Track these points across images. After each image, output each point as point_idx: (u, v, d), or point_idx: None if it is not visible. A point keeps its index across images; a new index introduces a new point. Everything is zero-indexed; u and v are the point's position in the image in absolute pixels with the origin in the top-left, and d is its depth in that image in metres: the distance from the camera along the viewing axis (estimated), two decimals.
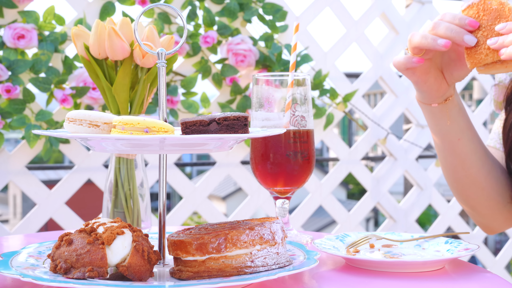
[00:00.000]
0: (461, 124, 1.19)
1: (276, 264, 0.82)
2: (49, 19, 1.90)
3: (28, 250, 0.90)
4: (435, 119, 1.18)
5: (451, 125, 1.18)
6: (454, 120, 1.18)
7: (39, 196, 2.01)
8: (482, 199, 1.26)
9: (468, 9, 1.04)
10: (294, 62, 1.14)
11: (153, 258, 0.80)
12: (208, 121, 0.84)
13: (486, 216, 1.30)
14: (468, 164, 1.22)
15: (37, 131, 0.82)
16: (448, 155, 1.23)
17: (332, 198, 2.44)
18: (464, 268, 0.92)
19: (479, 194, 1.25)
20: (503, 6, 1.01)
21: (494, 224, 1.32)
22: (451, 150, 1.21)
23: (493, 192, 1.25)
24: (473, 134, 1.21)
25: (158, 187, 0.89)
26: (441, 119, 1.18)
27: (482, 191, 1.25)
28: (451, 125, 1.18)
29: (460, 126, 1.19)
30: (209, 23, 2.09)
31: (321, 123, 2.35)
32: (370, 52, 2.46)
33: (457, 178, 1.25)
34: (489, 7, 1.01)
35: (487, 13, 1.02)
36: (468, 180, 1.24)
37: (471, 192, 1.26)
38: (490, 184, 1.24)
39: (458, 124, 1.18)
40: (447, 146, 1.21)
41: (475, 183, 1.24)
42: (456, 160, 1.22)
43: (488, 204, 1.27)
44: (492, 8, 1.01)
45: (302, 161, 1.14)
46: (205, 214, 2.25)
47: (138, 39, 0.89)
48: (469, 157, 1.21)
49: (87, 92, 1.92)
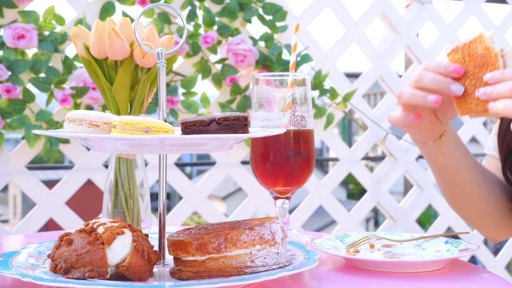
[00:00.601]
0: (458, 156, 1.19)
1: (276, 264, 0.82)
2: (49, 19, 1.90)
3: (28, 250, 0.90)
4: (432, 155, 1.18)
5: (448, 159, 1.18)
6: (450, 153, 1.17)
7: (39, 196, 2.01)
8: (484, 219, 1.28)
9: (453, 53, 1.01)
10: (294, 62, 1.14)
11: (153, 258, 0.80)
12: (208, 121, 0.84)
13: (490, 231, 1.32)
14: (468, 192, 1.23)
15: (37, 131, 0.82)
16: (447, 186, 1.24)
17: (332, 198, 2.44)
18: (464, 268, 0.92)
19: (481, 215, 1.27)
20: (488, 52, 0.97)
21: (498, 236, 1.34)
22: (451, 181, 1.22)
23: (494, 212, 1.27)
24: (470, 163, 1.21)
25: (158, 187, 0.89)
26: (437, 154, 1.17)
27: (484, 212, 1.27)
28: (448, 159, 1.18)
29: (457, 157, 1.19)
30: (209, 23, 2.09)
31: (321, 123, 2.35)
32: (370, 52, 2.46)
33: (459, 204, 1.27)
34: (475, 53, 0.98)
35: (473, 58, 0.98)
36: (470, 205, 1.26)
37: (473, 214, 1.28)
38: (491, 205, 1.26)
39: (454, 156, 1.18)
40: (446, 178, 1.22)
41: (477, 207, 1.26)
42: (457, 190, 1.24)
43: (491, 222, 1.29)
44: (477, 53, 0.98)
45: (302, 161, 1.14)
46: (205, 214, 2.25)
47: (138, 39, 0.89)
48: (468, 185, 1.22)
49: (87, 92, 1.92)
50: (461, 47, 1.00)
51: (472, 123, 2.67)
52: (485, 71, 0.98)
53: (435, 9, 2.57)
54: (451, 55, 1.01)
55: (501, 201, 1.28)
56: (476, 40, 0.98)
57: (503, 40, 2.71)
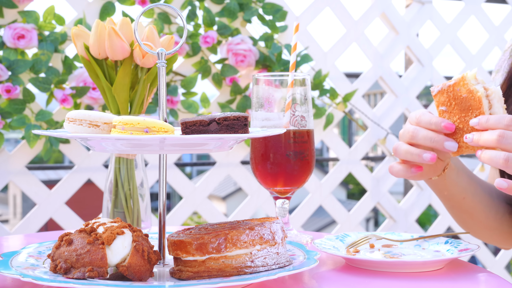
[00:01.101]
0: (463, 184, 1.19)
1: (276, 264, 0.82)
2: (49, 19, 1.90)
3: (28, 250, 0.90)
4: (437, 188, 1.20)
5: (453, 188, 1.19)
6: (455, 183, 1.18)
7: (39, 196, 2.01)
8: (495, 236, 1.30)
9: (439, 95, 1.01)
10: (294, 62, 1.14)
11: (153, 258, 0.80)
12: (208, 121, 0.84)
13: (501, 244, 1.34)
14: (477, 215, 1.24)
15: (37, 131, 0.82)
16: (456, 211, 1.26)
17: (332, 198, 2.44)
18: (464, 268, 0.92)
19: (491, 233, 1.29)
20: (472, 95, 0.97)
21: (509, 246, 1.36)
22: (458, 208, 1.24)
23: (504, 227, 1.28)
24: (476, 187, 1.22)
25: (158, 187, 0.89)
26: (443, 187, 1.19)
27: (494, 230, 1.28)
28: (453, 188, 1.19)
29: (462, 185, 1.19)
30: (209, 23, 2.09)
31: (321, 123, 2.35)
32: (370, 52, 2.46)
33: (469, 226, 1.29)
34: (459, 95, 0.98)
35: (458, 102, 0.98)
36: (480, 226, 1.27)
37: (484, 233, 1.30)
38: (500, 223, 1.28)
39: (460, 185, 1.19)
40: (454, 205, 1.24)
41: (486, 227, 1.27)
42: (465, 215, 1.25)
43: (501, 237, 1.31)
44: (462, 96, 0.98)
45: (302, 161, 1.14)
46: (205, 214, 2.25)
47: (138, 39, 0.89)
48: (476, 209, 1.24)
49: (87, 92, 1.92)
50: (445, 89, 1.00)
51: None
52: (470, 115, 0.98)
53: (435, 9, 2.57)
54: (437, 97, 1.01)
55: (508, 215, 1.29)
56: (459, 83, 0.98)
57: (503, 40, 2.71)
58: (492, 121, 0.96)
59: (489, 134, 0.95)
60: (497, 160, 0.94)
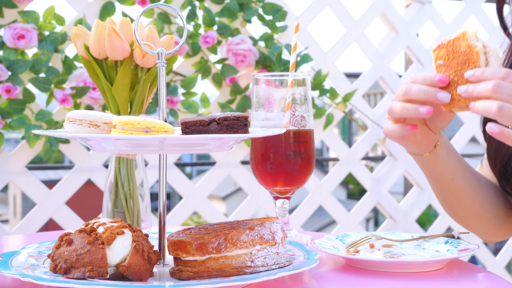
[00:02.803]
0: (452, 164, 1.21)
1: (276, 264, 0.82)
2: (49, 19, 1.90)
3: (28, 250, 0.90)
4: (427, 166, 1.20)
5: (443, 168, 1.20)
6: (445, 163, 1.19)
7: (39, 196, 2.01)
8: (480, 223, 1.31)
9: (438, 50, 1.02)
10: (294, 62, 1.14)
11: (153, 258, 0.80)
12: (208, 121, 0.84)
13: (485, 234, 1.35)
14: (464, 198, 1.25)
15: (37, 131, 0.82)
16: (443, 194, 1.27)
17: (332, 198, 2.44)
18: (464, 268, 0.92)
19: (477, 220, 1.30)
20: (471, 50, 0.97)
21: (493, 238, 1.36)
22: (447, 190, 1.24)
23: (489, 216, 1.29)
24: (465, 170, 1.23)
25: (158, 187, 0.89)
26: (432, 165, 1.20)
27: (480, 217, 1.29)
28: (443, 168, 1.20)
29: (452, 166, 1.21)
30: (209, 23, 2.09)
31: (321, 123, 2.35)
32: (370, 52, 2.46)
33: (455, 210, 1.30)
34: (458, 50, 0.99)
35: (456, 56, 0.99)
36: (466, 211, 1.28)
37: (469, 219, 1.30)
38: (486, 210, 1.28)
39: (449, 165, 1.20)
40: (442, 187, 1.24)
41: (472, 213, 1.28)
42: (452, 197, 1.26)
43: (486, 226, 1.31)
44: (460, 51, 0.98)
45: (302, 161, 1.14)
46: (205, 214, 2.25)
47: (138, 39, 0.89)
48: (464, 192, 1.24)
49: (87, 92, 1.92)
50: (445, 44, 1.01)
51: (472, 124, 2.67)
52: (466, 68, 0.98)
53: (435, 9, 2.57)
54: (437, 52, 1.02)
55: (496, 205, 1.30)
56: (459, 38, 0.99)
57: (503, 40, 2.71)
58: (488, 73, 0.95)
59: (485, 84, 0.95)
60: (490, 109, 0.94)
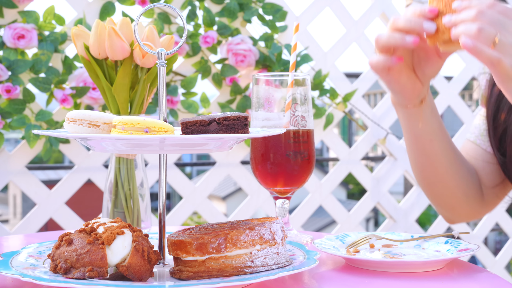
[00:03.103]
0: (434, 126, 1.21)
1: (276, 264, 0.82)
2: (49, 19, 1.90)
3: (28, 250, 0.90)
4: (409, 121, 1.20)
5: (425, 127, 1.20)
6: (427, 121, 1.20)
7: (39, 196, 2.01)
8: (446, 196, 1.30)
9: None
10: (294, 62, 1.14)
11: (153, 258, 0.80)
12: (208, 121, 0.84)
13: (449, 210, 1.34)
14: (437, 164, 1.25)
15: (37, 131, 0.82)
16: (418, 155, 1.26)
17: (332, 198, 2.44)
18: (464, 268, 0.93)
19: (445, 191, 1.29)
20: None
21: (456, 217, 1.36)
22: (422, 151, 1.24)
23: (458, 190, 1.29)
24: (444, 135, 1.24)
25: (158, 187, 0.89)
26: (415, 121, 1.20)
27: (448, 189, 1.29)
28: (425, 126, 1.20)
29: (433, 127, 1.21)
30: (209, 23, 2.09)
31: (321, 123, 2.35)
32: (370, 52, 2.46)
33: (425, 176, 1.29)
34: None
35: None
36: (436, 178, 1.28)
37: (437, 188, 1.30)
38: (456, 183, 1.28)
39: (431, 125, 1.20)
40: (419, 147, 1.24)
41: (442, 181, 1.28)
42: (426, 160, 1.25)
43: (452, 201, 1.31)
44: None
45: (302, 161, 1.14)
46: (205, 214, 2.25)
47: (138, 39, 0.89)
48: (439, 157, 1.24)
49: (87, 92, 1.92)
50: None
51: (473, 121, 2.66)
52: None
53: None
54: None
55: (466, 181, 1.30)
56: None
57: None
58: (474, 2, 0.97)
59: (468, 11, 0.96)
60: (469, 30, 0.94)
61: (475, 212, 1.35)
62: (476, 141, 1.37)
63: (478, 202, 1.33)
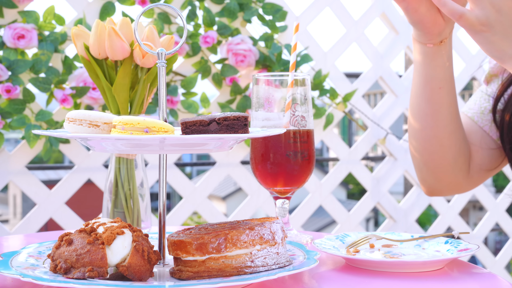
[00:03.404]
0: (446, 74, 1.22)
1: (276, 264, 0.82)
2: (49, 19, 1.90)
3: (28, 250, 0.90)
4: (424, 62, 1.21)
5: (438, 71, 1.21)
6: (442, 66, 1.20)
7: (39, 196, 2.01)
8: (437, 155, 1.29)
9: None
10: (294, 62, 1.14)
11: (153, 258, 0.80)
12: (208, 121, 0.84)
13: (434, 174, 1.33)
14: (439, 116, 1.25)
15: (37, 131, 0.82)
16: (423, 102, 1.26)
17: (332, 198, 2.44)
18: (464, 268, 0.93)
19: (437, 149, 1.28)
20: None
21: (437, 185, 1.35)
22: (429, 98, 1.24)
23: (449, 151, 1.28)
24: (453, 87, 1.24)
25: (158, 187, 0.89)
26: (430, 61, 1.20)
27: (441, 147, 1.28)
28: (438, 71, 1.21)
29: (445, 74, 1.21)
30: (209, 23, 2.09)
31: (321, 123, 2.35)
32: (370, 52, 2.46)
33: (423, 126, 1.28)
34: None
35: None
36: (433, 132, 1.27)
37: (430, 144, 1.29)
38: (449, 143, 1.28)
39: (444, 72, 1.21)
40: (426, 93, 1.24)
41: (438, 137, 1.27)
42: (430, 109, 1.25)
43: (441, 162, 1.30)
44: None
45: (302, 161, 1.14)
46: (205, 214, 2.25)
47: (138, 39, 0.89)
48: (443, 109, 1.25)
49: (87, 92, 1.92)
50: None
51: None
52: None
53: None
54: None
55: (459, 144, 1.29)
56: None
57: None
58: None
59: None
60: None
61: (458, 184, 1.33)
62: (474, 117, 1.36)
63: (463, 174, 1.32)
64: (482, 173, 1.35)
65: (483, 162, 1.34)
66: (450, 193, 1.38)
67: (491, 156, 1.34)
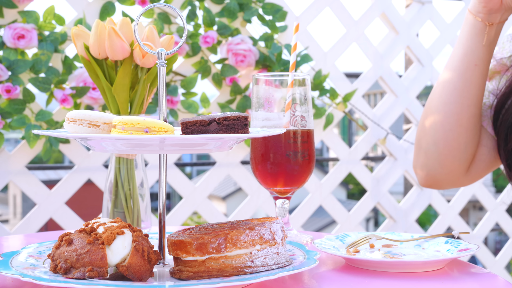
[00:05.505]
0: (486, 53, 1.25)
1: (276, 264, 0.82)
2: (49, 19, 1.90)
3: (28, 250, 0.90)
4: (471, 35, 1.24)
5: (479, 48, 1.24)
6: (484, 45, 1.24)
7: (39, 196, 2.01)
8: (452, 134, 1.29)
9: None
10: (294, 62, 1.14)
11: (153, 258, 0.80)
12: (208, 121, 0.84)
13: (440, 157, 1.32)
14: (466, 93, 1.27)
15: (37, 131, 0.82)
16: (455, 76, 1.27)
17: (332, 198, 2.44)
18: (464, 268, 0.93)
19: (454, 127, 1.29)
20: None
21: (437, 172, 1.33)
22: (463, 73, 1.26)
23: (464, 134, 1.29)
24: (487, 70, 1.27)
25: (158, 187, 0.89)
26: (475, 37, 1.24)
27: (458, 126, 1.28)
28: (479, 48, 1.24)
29: (485, 54, 1.25)
30: (209, 23, 2.09)
31: (321, 123, 2.35)
32: (370, 52, 2.46)
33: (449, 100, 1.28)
34: None
35: None
36: (456, 108, 1.28)
37: (448, 122, 1.29)
38: (466, 125, 1.28)
39: (484, 51, 1.25)
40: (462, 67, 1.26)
41: (458, 114, 1.28)
42: (460, 84, 1.27)
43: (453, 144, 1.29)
44: None
45: (302, 161, 1.14)
46: (205, 214, 2.25)
47: (138, 39, 0.89)
48: (472, 87, 1.27)
49: (87, 92, 1.92)
50: None
51: None
52: None
53: (435, 9, 2.57)
54: None
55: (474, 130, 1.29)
56: None
57: None
58: None
59: None
60: None
61: (457, 174, 1.33)
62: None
63: (466, 165, 1.32)
64: (480, 169, 1.36)
65: (481, 157, 1.35)
66: (446, 185, 1.36)
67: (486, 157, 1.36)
